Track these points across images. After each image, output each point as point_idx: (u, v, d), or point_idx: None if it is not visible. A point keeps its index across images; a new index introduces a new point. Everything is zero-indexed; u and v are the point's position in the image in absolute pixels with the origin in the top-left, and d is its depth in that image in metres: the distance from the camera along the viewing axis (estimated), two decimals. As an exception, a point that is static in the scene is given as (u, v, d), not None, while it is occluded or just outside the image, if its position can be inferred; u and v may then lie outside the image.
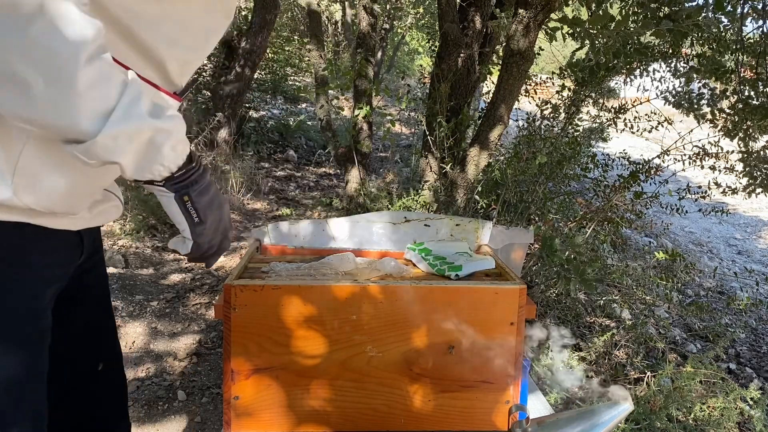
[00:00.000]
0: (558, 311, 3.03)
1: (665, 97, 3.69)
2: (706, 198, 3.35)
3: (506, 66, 3.10)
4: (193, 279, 3.28)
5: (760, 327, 3.98)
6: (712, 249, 6.15)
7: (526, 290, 1.16)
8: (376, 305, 1.11)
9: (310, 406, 1.13)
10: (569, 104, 3.59)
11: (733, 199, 4.13)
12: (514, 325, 1.13)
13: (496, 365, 1.14)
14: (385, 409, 1.14)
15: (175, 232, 3.53)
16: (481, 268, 1.27)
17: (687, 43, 3.21)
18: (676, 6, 2.42)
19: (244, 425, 1.12)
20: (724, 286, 4.83)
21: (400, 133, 7.82)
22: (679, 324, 3.68)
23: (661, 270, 3.66)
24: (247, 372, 1.11)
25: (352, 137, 4.00)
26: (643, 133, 3.60)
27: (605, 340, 2.69)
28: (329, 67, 5.87)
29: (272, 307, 1.09)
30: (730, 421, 2.09)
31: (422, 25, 9.54)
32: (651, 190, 3.27)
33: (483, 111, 3.58)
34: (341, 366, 1.12)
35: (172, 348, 2.54)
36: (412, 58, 14.42)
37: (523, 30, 2.94)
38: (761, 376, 3.19)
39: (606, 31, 2.44)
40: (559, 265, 2.51)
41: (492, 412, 1.15)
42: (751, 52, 2.99)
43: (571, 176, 3.44)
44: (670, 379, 2.32)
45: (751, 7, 2.82)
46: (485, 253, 1.46)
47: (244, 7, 7.52)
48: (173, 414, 2.12)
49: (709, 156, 3.37)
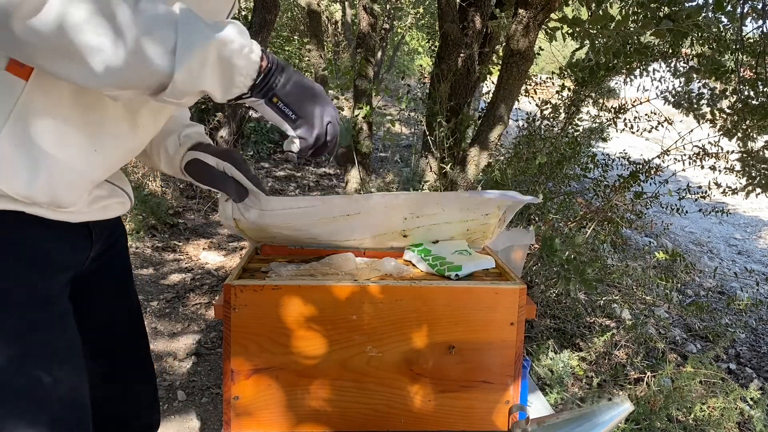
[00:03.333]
0: (558, 311, 3.04)
1: (665, 97, 3.69)
2: (706, 198, 3.35)
3: (506, 66, 3.10)
4: (193, 279, 3.28)
5: (760, 327, 3.98)
6: (712, 249, 6.15)
7: (526, 290, 1.16)
8: (376, 305, 1.11)
9: (310, 406, 1.13)
10: (569, 104, 3.59)
11: (733, 199, 4.12)
12: (514, 325, 1.13)
13: (496, 365, 1.14)
14: (385, 409, 1.14)
15: (175, 232, 3.52)
16: (481, 267, 1.27)
17: (687, 43, 3.21)
18: (676, 6, 2.42)
19: (244, 425, 1.12)
20: (724, 286, 4.83)
21: (400, 133, 7.82)
22: (679, 324, 3.68)
23: (661, 270, 3.66)
24: (247, 372, 1.11)
25: (352, 137, 4.00)
26: (643, 133, 3.60)
27: (605, 340, 2.69)
28: (329, 67, 5.88)
29: (272, 307, 1.09)
30: (730, 421, 2.09)
31: (422, 25, 9.54)
32: (651, 190, 3.27)
33: (483, 111, 3.58)
34: (341, 366, 1.12)
35: (172, 348, 2.54)
36: (412, 58, 14.41)
37: (523, 30, 2.94)
38: (761, 376, 3.19)
39: (606, 31, 2.44)
40: (559, 265, 2.51)
41: (492, 412, 1.15)
42: (750, 52, 2.99)
43: (571, 176, 3.43)
44: (670, 379, 2.32)
45: (750, 7, 2.82)
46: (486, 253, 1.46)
47: (244, 7, 7.52)
48: (173, 414, 2.12)
49: (709, 156, 3.37)
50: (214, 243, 3.86)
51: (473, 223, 1.34)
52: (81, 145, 0.79)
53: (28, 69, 0.72)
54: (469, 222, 1.34)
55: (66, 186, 0.78)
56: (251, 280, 1.11)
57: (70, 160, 0.77)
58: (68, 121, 0.76)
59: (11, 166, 0.72)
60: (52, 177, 0.76)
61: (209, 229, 4.11)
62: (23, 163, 0.73)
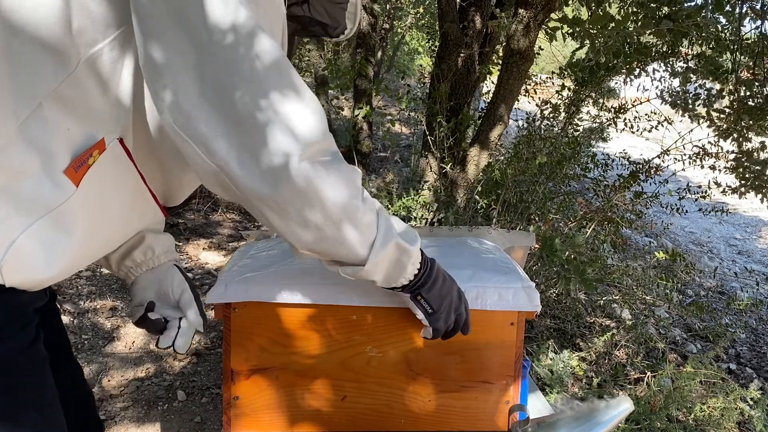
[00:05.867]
0: (558, 311, 3.04)
1: (663, 96, 3.69)
2: (706, 198, 3.35)
3: (506, 66, 3.10)
4: (193, 279, 3.28)
5: (760, 327, 3.98)
6: (713, 249, 6.15)
7: (526, 290, 1.16)
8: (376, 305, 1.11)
9: (310, 407, 1.13)
10: (569, 104, 3.59)
11: (733, 199, 4.13)
12: (514, 326, 1.13)
13: (496, 365, 1.14)
14: (385, 409, 1.14)
15: (174, 232, 3.52)
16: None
17: (686, 43, 3.21)
18: (675, 6, 2.42)
19: (244, 425, 1.12)
20: (725, 286, 4.83)
21: (400, 133, 7.82)
22: (679, 324, 3.68)
23: (661, 270, 3.66)
24: (247, 372, 1.11)
25: (352, 137, 4.00)
26: (643, 132, 3.60)
27: (605, 340, 2.69)
28: (329, 66, 5.87)
29: (272, 307, 1.09)
30: (730, 422, 2.09)
31: (422, 25, 9.53)
32: (651, 190, 3.27)
33: (483, 111, 3.58)
34: (341, 366, 1.12)
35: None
36: (412, 58, 14.40)
37: (523, 30, 2.94)
38: (761, 376, 3.19)
39: (606, 31, 2.44)
40: (559, 265, 2.51)
41: (492, 412, 1.15)
42: (748, 53, 2.99)
43: (571, 176, 3.44)
44: (670, 379, 2.32)
45: (749, 7, 2.82)
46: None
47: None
48: (173, 414, 2.12)
49: (709, 156, 3.37)
50: (214, 243, 3.86)
51: None
52: (93, 252, 0.82)
53: (80, 176, 0.72)
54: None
55: (51, 282, 0.77)
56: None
57: (78, 261, 0.79)
58: (92, 234, 0.78)
59: (29, 257, 0.70)
60: (60, 272, 0.75)
61: (209, 229, 4.11)
62: (40, 258, 0.72)
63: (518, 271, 1.18)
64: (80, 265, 0.82)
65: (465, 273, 1.12)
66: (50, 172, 0.70)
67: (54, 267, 0.73)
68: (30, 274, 0.71)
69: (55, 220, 0.71)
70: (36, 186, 0.69)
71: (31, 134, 0.68)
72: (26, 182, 0.68)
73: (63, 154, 0.70)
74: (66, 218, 0.72)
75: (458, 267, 1.12)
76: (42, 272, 0.72)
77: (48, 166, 0.69)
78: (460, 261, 1.22)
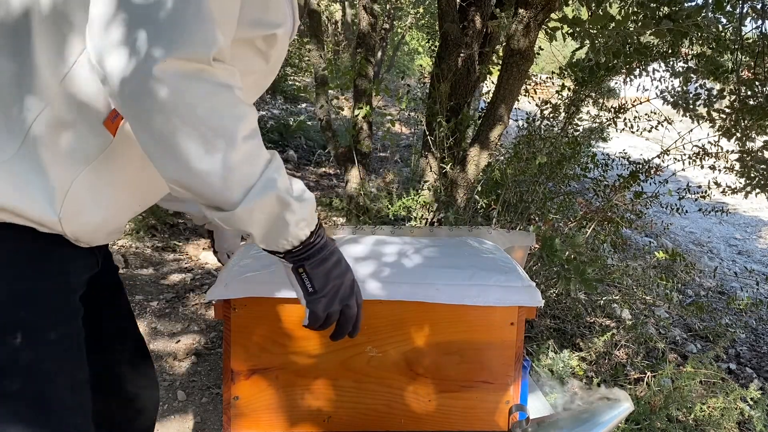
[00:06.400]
0: (558, 311, 3.04)
1: (663, 96, 3.68)
2: (706, 198, 3.35)
3: (506, 66, 3.10)
4: (193, 279, 3.28)
5: (760, 327, 3.98)
6: (713, 249, 6.15)
7: (526, 290, 1.15)
8: (376, 305, 1.11)
9: (310, 407, 1.13)
10: (569, 104, 3.59)
11: (733, 199, 4.13)
12: (514, 325, 1.13)
13: (496, 365, 1.14)
14: (385, 409, 1.14)
15: (175, 232, 3.51)
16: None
17: (686, 43, 3.21)
18: (675, 6, 2.42)
19: (244, 425, 1.12)
20: (725, 286, 4.83)
21: (400, 133, 7.82)
22: (679, 324, 3.68)
23: (661, 270, 3.66)
24: (247, 372, 1.11)
25: (352, 137, 4.00)
26: (643, 132, 3.60)
27: (605, 340, 2.69)
28: (329, 66, 5.87)
29: (272, 307, 1.09)
30: (730, 421, 2.09)
31: (422, 25, 9.53)
32: (651, 190, 3.27)
33: (483, 111, 3.58)
34: (341, 366, 1.12)
35: (172, 348, 2.54)
36: (412, 58, 14.41)
37: (523, 30, 2.94)
38: (761, 376, 3.19)
39: (606, 31, 2.44)
40: (559, 265, 2.51)
41: (492, 412, 1.15)
42: (749, 53, 2.99)
43: (571, 176, 3.43)
44: (670, 379, 2.32)
45: (750, 7, 2.82)
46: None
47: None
48: (173, 414, 2.12)
49: (709, 156, 3.37)
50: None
51: None
52: (139, 198, 0.88)
53: (116, 126, 0.77)
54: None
55: (106, 231, 0.84)
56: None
57: (125, 208, 0.85)
58: (133, 179, 0.83)
59: (81, 205, 0.77)
60: (111, 216, 0.82)
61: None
62: (90, 205, 0.78)
63: (518, 271, 1.18)
64: (129, 211, 0.87)
65: (465, 273, 1.12)
66: (91, 123, 0.75)
67: (103, 211, 0.80)
68: (84, 219, 0.78)
69: (98, 169, 0.77)
70: (79, 138, 0.75)
71: (72, 89, 0.73)
72: (71, 135, 0.75)
73: (100, 107, 0.75)
74: (108, 166, 0.78)
75: (458, 267, 1.12)
76: (95, 216, 0.79)
77: (88, 118, 0.75)
78: (460, 261, 1.22)
